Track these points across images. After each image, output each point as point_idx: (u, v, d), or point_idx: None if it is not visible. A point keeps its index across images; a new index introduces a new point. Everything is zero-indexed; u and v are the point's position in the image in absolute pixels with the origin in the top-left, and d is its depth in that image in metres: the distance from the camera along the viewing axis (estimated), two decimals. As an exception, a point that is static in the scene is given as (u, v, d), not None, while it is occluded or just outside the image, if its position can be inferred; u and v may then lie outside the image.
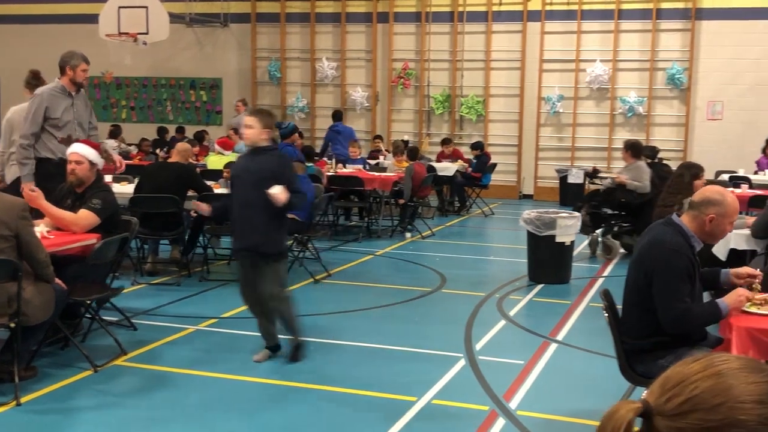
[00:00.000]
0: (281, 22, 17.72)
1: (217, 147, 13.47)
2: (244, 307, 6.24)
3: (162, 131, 17.01)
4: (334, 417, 4.94)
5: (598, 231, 10.18)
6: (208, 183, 8.91)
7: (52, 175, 7.00)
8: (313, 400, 5.22)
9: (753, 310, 4.07)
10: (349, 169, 12.06)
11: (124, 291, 6.78)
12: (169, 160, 9.12)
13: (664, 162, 11.40)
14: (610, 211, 10.03)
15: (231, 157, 11.63)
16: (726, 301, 4.06)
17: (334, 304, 7.60)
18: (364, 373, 5.71)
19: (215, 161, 12.08)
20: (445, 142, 15.00)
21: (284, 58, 17.81)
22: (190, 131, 16.20)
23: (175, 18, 16.23)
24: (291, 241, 8.70)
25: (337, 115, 14.99)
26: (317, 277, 8.56)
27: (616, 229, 10.07)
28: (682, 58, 15.46)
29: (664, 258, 4.07)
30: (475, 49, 16.67)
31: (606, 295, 4.45)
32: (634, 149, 9.97)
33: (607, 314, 4.37)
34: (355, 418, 4.91)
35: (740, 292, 4.12)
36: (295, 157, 10.11)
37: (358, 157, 12.70)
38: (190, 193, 8.47)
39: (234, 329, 6.75)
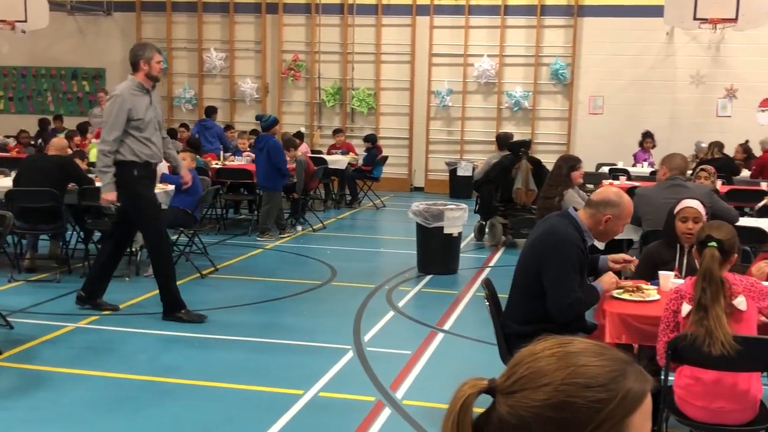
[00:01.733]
0: (167, 11, 17.30)
1: (94, 140, 13.04)
2: (126, 304, 6.07)
3: (44, 123, 16.34)
4: (219, 413, 4.86)
5: (483, 218, 10.60)
6: (91, 176, 8.62)
7: (138, 179, 6.64)
8: (198, 396, 5.12)
9: (626, 296, 4.22)
10: (239, 162, 11.89)
11: (1, 288, 6.49)
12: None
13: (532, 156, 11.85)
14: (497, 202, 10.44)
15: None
16: (600, 283, 4.26)
17: (221, 299, 7.48)
18: (250, 368, 5.65)
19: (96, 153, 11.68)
20: (337, 132, 14.98)
21: (170, 48, 17.39)
22: (73, 122, 15.63)
23: (55, 6, 15.61)
24: (177, 236, 8.52)
25: (209, 111, 14.89)
26: (204, 272, 8.40)
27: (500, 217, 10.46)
28: (565, 54, 15.91)
29: (557, 248, 4.19)
30: (365, 42, 16.71)
31: (488, 284, 4.54)
32: (498, 141, 11.14)
33: (488, 303, 4.45)
34: (240, 414, 4.84)
35: (611, 278, 4.29)
36: (280, 147, 10.63)
37: (247, 149, 12.53)
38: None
39: (115, 326, 6.55)
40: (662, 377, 3.70)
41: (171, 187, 8.46)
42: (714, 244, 3.66)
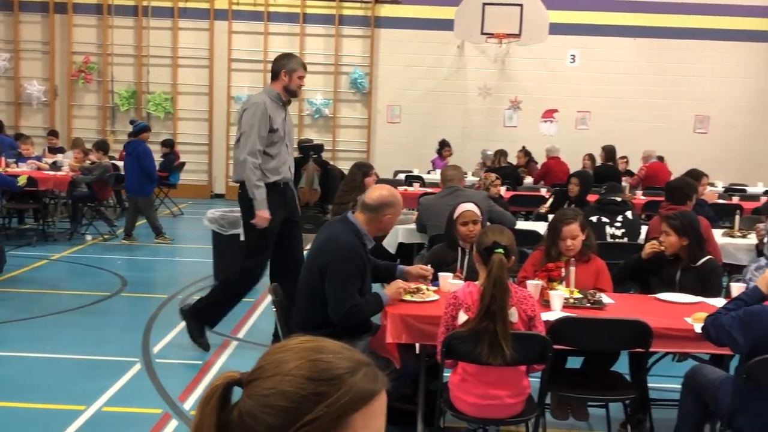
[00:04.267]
0: (-58, 6, 16.06)
1: None
2: None
3: None
4: (-10, 435, 4.55)
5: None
6: None
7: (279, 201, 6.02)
8: (-33, 419, 4.77)
9: (406, 297, 4.36)
10: (22, 169, 11.20)
11: None
12: None
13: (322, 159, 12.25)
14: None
15: None
16: (386, 292, 4.35)
17: (1, 313, 7.01)
18: (29, 385, 5.32)
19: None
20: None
21: (-53, 46, 16.15)
22: None
23: None
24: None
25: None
26: (-19, 286, 7.85)
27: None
28: (363, 64, 16.25)
29: (338, 256, 4.25)
30: (161, 45, 16.27)
31: (276, 290, 4.54)
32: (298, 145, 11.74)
33: (275, 309, 4.45)
34: (14, 435, 4.56)
35: (399, 284, 4.40)
36: (149, 153, 10.70)
37: (32, 155, 11.83)
38: None
39: None
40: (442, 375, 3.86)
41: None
42: (501, 250, 3.76)
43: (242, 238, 6.39)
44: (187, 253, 10.86)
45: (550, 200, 9.10)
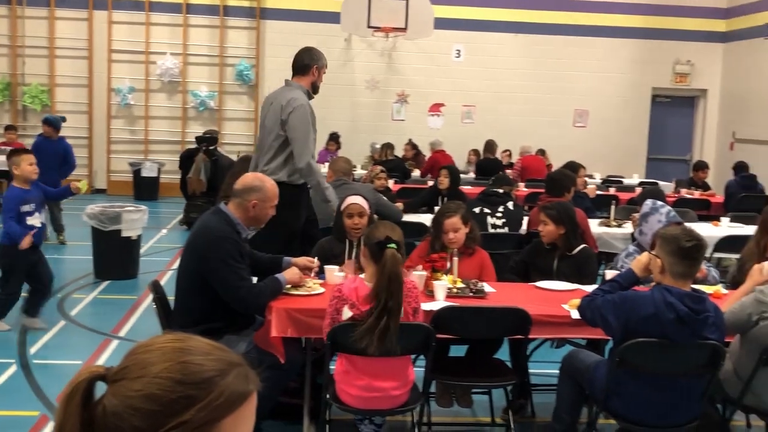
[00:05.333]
0: None
1: None
2: None
3: None
4: None
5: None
6: None
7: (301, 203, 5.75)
8: None
9: (291, 291, 4.33)
10: None
11: None
12: None
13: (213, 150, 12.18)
14: None
15: None
16: (285, 275, 4.31)
17: None
18: None
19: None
20: (9, 128, 13.80)
21: None
22: None
23: None
24: None
25: None
26: None
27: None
28: (249, 56, 16.05)
29: (211, 246, 4.17)
30: (37, 35, 15.62)
31: (155, 286, 4.43)
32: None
33: (155, 305, 4.35)
34: None
35: (296, 271, 4.37)
36: (70, 149, 10.69)
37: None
38: None
39: None
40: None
41: None
42: (393, 245, 3.77)
43: None
44: (65, 251, 10.47)
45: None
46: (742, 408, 4.08)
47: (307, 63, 5.88)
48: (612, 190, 11.30)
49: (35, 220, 6.41)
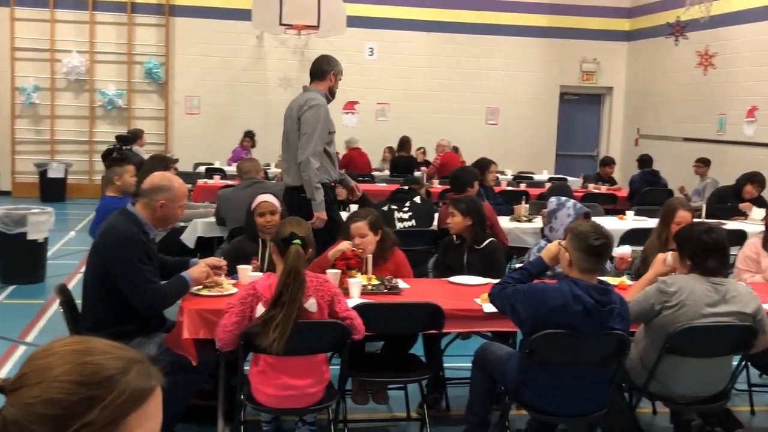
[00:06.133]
0: None
1: None
2: None
3: None
4: None
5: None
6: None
7: (330, 203, 6.03)
8: None
9: (204, 292, 4.28)
10: None
11: None
12: None
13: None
14: None
15: None
16: (191, 272, 4.26)
17: None
18: None
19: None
20: None
21: None
22: None
23: None
24: None
25: None
26: None
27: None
28: (158, 53, 15.74)
29: (120, 246, 4.08)
30: (-67, 32, 15.01)
31: (62, 290, 4.32)
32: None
33: (63, 310, 4.24)
34: None
35: (202, 268, 4.32)
36: None
37: None
38: None
39: None
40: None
41: None
42: (298, 241, 3.77)
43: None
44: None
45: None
46: (648, 395, 4.22)
47: (325, 69, 6.20)
48: (522, 186, 11.53)
49: None
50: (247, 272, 4.58)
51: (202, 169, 12.79)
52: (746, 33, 13.21)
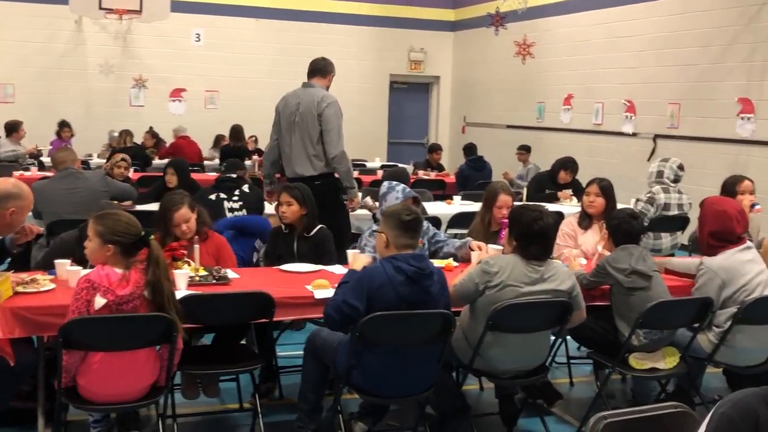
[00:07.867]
0: None
1: None
2: None
3: None
4: None
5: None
6: None
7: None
8: None
9: (19, 289, 4.04)
10: None
11: None
12: None
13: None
14: None
15: None
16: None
17: None
18: None
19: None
20: None
21: None
22: None
23: None
24: None
25: None
26: None
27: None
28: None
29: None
30: None
31: None
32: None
33: None
34: None
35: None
36: None
37: None
38: None
39: None
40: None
41: None
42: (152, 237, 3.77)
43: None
44: None
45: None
46: (474, 372, 4.37)
47: (325, 69, 6.76)
48: (355, 173, 11.61)
49: None
50: (65, 267, 4.36)
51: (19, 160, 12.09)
52: (561, 24, 13.91)
